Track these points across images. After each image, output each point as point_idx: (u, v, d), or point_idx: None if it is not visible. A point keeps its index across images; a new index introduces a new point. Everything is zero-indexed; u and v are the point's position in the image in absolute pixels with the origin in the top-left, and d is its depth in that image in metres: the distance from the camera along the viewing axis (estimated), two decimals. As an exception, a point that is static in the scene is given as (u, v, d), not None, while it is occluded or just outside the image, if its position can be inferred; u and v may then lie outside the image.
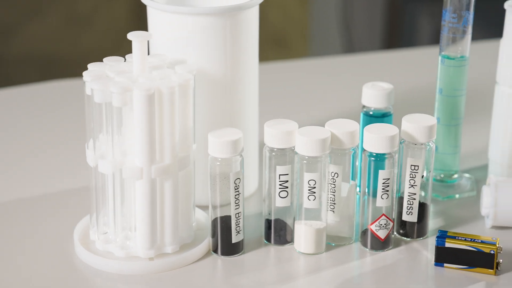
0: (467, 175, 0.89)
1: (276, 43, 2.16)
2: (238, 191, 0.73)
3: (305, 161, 0.73)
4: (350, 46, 2.04)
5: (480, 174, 0.89)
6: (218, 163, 0.72)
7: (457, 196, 0.86)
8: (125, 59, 0.73)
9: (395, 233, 0.78)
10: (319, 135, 0.72)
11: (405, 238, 0.78)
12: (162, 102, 0.68)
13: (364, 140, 0.74)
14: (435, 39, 1.77)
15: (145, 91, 0.67)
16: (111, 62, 0.72)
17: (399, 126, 0.75)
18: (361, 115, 0.84)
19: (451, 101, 0.84)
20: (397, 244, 0.77)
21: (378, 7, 1.98)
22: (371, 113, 0.83)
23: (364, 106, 0.84)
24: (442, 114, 0.85)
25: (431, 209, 0.84)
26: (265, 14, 2.13)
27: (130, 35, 0.69)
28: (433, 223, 0.81)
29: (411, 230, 0.78)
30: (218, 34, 0.77)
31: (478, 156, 0.92)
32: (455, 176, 0.87)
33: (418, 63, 1.22)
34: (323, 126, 0.74)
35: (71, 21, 1.97)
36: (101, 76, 0.69)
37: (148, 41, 0.80)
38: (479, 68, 1.07)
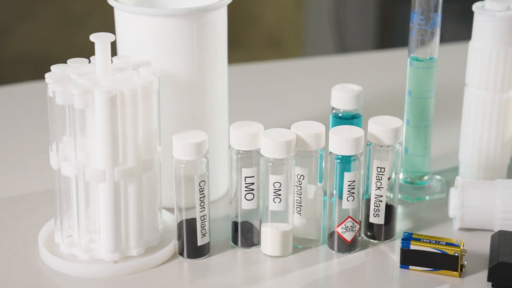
0: (438, 177, 0.88)
1: (271, 43, 2.16)
2: (203, 193, 0.72)
3: (270, 164, 0.72)
4: (343, 46, 2.04)
5: (451, 176, 0.88)
6: (183, 165, 0.71)
7: (427, 198, 0.85)
8: (89, 61, 0.72)
9: (362, 235, 0.77)
10: (283, 138, 0.71)
11: (372, 240, 0.77)
12: (124, 104, 0.67)
13: (329, 142, 0.73)
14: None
15: (106, 93, 0.66)
16: (74, 64, 0.71)
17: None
18: (331, 117, 0.83)
19: (420, 103, 0.84)
20: (365, 246, 0.76)
21: (371, 7, 1.98)
22: (340, 115, 0.82)
23: (333, 108, 0.83)
24: (411, 116, 0.84)
25: (400, 211, 0.83)
26: (260, 15, 2.14)
27: (93, 37, 0.68)
28: (402, 225, 0.80)
29: (379, 232, 0.77)
30: (185, 35, 0.76)
31: (449, 158, 0.91)
32: (426, 178, 0.87)
33: (393, 65, 1.22)
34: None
35: (66, 21, 1.96)
36: (63, 78, 0.68)
37: (116, 43, 0.80)
38: (449, 70, 1.06)
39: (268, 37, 2.13)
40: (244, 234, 0.75)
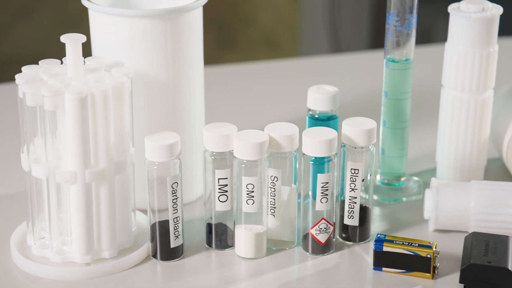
0: (415, 178, 0.87)
1: (267, 43, 2.15)
2: (176, 195, 0.71)
3: (243, 165, 0.71)
4: (337, 46, 2.04)
5: (429, 177, 0.87)
6: (155, 167, 0.70)
7: (404, 199, 0.84)
8: (61, 62, 0.71)
9: (337, 237, 0.76)
10: (256, 139, 0.71)
11: (347, 242, 0.76)
12: (95, 105, 0.66)
13: (303, 144, 0.72)
14: (421, 39, 1.77)
15: (76, 94, 0.65)
16: (46, 65, 0.70)
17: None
18: (307, 118, 0.83)
19: (396, 104, 0.83)
20: (340, 248, 0.75)
21: (365, 7, 1.98)
22: (316, 116, 0.82)
23: (309, 110, 0.82)
24: (388, 117, 0.83)
25: (377, 213, 0.82)
26: (257, 15, 2.13)
27: (63, 38, 0.67)
28: (378, 226, 0.79)
29: (353, 234, 0.76)
30: (158, 37, 0.75)
31: (427, 159, 0.91)
32: (403, 179, 0.86)
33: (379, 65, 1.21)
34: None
35: (62, 21, 1.95)
36: (34, 79, 0.67)
37: (91, 44, 0.79)
38: (427, 71, 1.06)
39: (264, 38, 2.12)
40: (219, 236, 0.74)
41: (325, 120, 0.81)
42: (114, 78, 0.68)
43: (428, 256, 0.68)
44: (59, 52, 0.74)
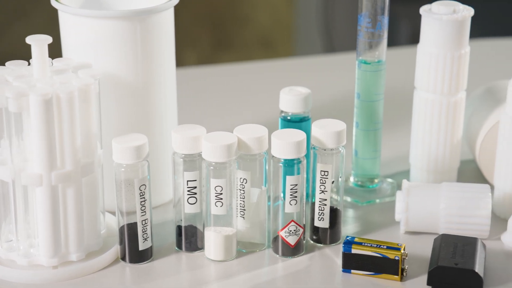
0: (389, 180, 0.87)
1: (263, 44, 2.15)
2: (144, 197, 0.70)
3: (211, 167, 0.70)
4: (331, 46, 2.04)
5: (403, 179, 0.87)
6: (123, 169, 0.69)
7: (377, 201, 0.84)
8: (29, 63, 0.70)
9: (308, 239, 0.76)
10: (224, 141, 0.70)
11: (318, 244, 0.76)
12: (60, 107, 0.65)
13: (272, 146, 0.72)
14: (414, 40, 1.77)
15: (41, 96, 0.64)
16: (12, 66, 0.69)
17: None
18: (279, 120, 0.82)
19: (369, 106, 0.82)
20: (310, 250, 0.75)
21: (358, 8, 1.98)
22: (289, 118, 0.81)
23: (282, 111, 0.82)
24: (360, 119, 0.83)
25: (350, 214, 0.82)
26: (254, 16, 2.12)
27: (29, 39, 0.66)
28: (350, 228, 0.79)
29: (324, 236, 0.75)
30: (128, 38, 0.74)
31: (401, 161, 0.90)
32: (376, 181, 0.85)
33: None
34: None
35: (57, 21, 1.94)
36: (-1, 80, 0.66)
37: (61, 45, 0.78)
38: (401, 73, 1.05)
39: (260, 38, 2.12)
40: (188, 238, 0.74)
41: (298, 121, 0.81)
42: (80, 79, 0.67)
43: (396, 258, 0.68)
44: (54, 52, 0.74)
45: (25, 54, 0.74)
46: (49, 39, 0.67)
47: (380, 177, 0.86)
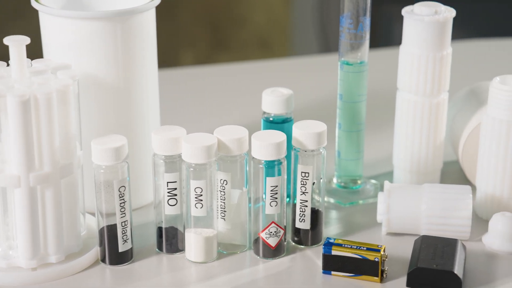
0: (373, 181, 0.86)
1: (260, 44, 2.14)
2: (123, 199, 0.69)
3: (191, 169, 0.70)
4: (327, 46, 2.04)
5: (387, 180, 0.87)
6: (102, 170, 0.69)
7: (360, 202, 0.83)
8: (7, 64, 0.70)
9: (290, 240, 0.76)
10: (204, 142, 0.69)
11: (299, 245, 0.75)
12: (38, 108, 0.65)
13: (252, 147, 0.71)
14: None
15: (18, 97, 0.63)
16: (-9, 68, 0.69)
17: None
18: (262, 121, 0.82)
19: (351, 107, 0.82)
20: (292, 251, 0.74)
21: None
22: (271, 119, 0.81)
23: (264, 112, 0.81)
24: (343, 120, 0.83)
25: (334, 216, 0.81)
26: (251, 16, 2.12)
27: (7, 40, 0.66)
28: (333, 230, 0.78)
29: (305, 237, 0.75)
30: (108, 38, 0.74)
31: (385, 162, 0.90)
32: (359, 182, 0.85)
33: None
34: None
35: None
36: (-23, 82, 0.66)
37: (42, 46, 0.78)
38: (384, 74, 1.05)
39: (257, 38, 2.11)
40: (169, 239, 0.73)
41: (280, 123, 0.80)
42: (59, 80, 0.67)
43: (376, 259, 0.67)
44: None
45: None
46: (27, 39, 0.66)
47: (364, 178, 0.85)
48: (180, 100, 1.08)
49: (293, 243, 0.75)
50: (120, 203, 0.69)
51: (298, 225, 0.74)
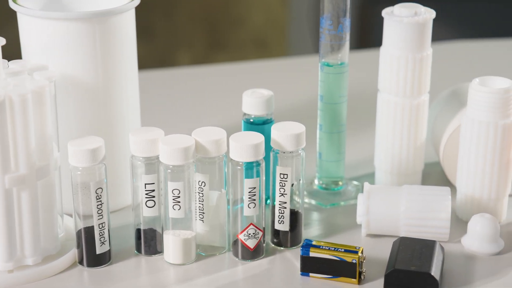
0: (355, 182, 0.86)
1: (257, 44, 2.14)
2: (100, 201, 0.69)
3: (169, 170, 0.69)
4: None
5: (369, 181, 0.86)
6: (79, 172, 0.68)
7: (342, 203, 0.83)
8: (-16, 66, 0.69)
9: (269, 242, 0.75)
10: (181, 144, 0.69)
11: (279, 247, 0.75)
12: (13, 109, 0.64)
13: (230, 149, 0.71)
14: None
15: (-7, 98, 0.63)
16: (-33, 69, 0.68)
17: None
18: (242, 122, 0.81)
19: (332, 108, 0.81)
20: (271, 253, 0.74)
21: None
22: (251, 120, 0.80)
23: (244, 114, 0.81)
24: (324, 122, 0.82)
25: (315, 217, 0.81)
26: (248, 16, 2.11)
27: (-19, 41, 0.66)
28: (313, 231, 0.78)
29: (285, 239, 0.74)
30: (87, 39, 0.73)
31: (368, 163, 0.90)
32: (341, 183, 0.85)
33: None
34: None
35: None
36: (-48, 83, 0.65)
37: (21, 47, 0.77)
38: (367, 75, 1.05)
39: (254, 38, 2.11)
40: (148, 241, 0.73)
41: (260, 124, 0.80)
42: (35, 82, 0.66)
43: (354, 261, 0.67)
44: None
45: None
46: (2, 40, 0.66)
47: (345, 180, 0.85)
48: (162, 102, 1.08)
49: (273, 245, 0.74)
50: (97, 205, 0.69)
51: (277, 226, 0.74)
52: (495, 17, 1.83)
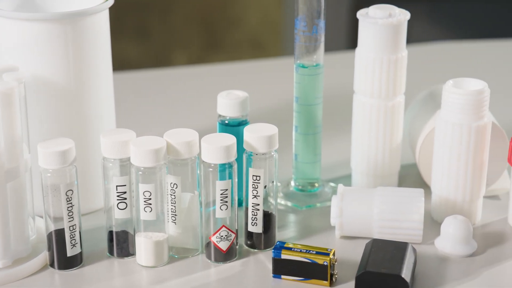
0: (332, 184, 0.85)
1: (254, 44, 2.13)
2: (71, 203, 0.68)
3: (140, 172, 0.69)
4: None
5: (346, 183, 0.85)
6: (49, 174, 0.67)
7: (318, 205, 0.82)
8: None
9: (243, 244, 0.74)
10: (152, 146, 0.68)
11: (252, 249, 0.74)
12: (-19, 111, 0.64)
13: (201, 151, 0.70)
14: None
15: (-40, 100, 0.62)
16: None
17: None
18: (218, 124, 0.80)
19: (307, 110, 0.81)
20: (245, 255, 0.73)
21: (343, 8, 1.97)
22: (226, 122, 0.80)
23: (219, 115, 0.80)
24: (299, 123, 0.81)
25: (291, 219, 0.80)
26: (244, 16, 2.10)
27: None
28: (288, 233, 0.77)
29: (258, 241, 0.74)
30: (58, 40, 0.72)
31: (345, 165, 0.89)
32: (317, 185, 0.84)
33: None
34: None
35: None
36: None
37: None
38: (344, 77, 1.04)
39: (250, 39, 2.10)
40: (120, 243, 0.72)
41: (236, 125, 0.79)
42: (3, 83, 0.65)
43: (325, 263, 0.66)
44: None
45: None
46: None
47: (322, 181, 0.84)
48: (137, 103, 1.07)
49: (246, 247, 0.74)
50: (68, 207, 0.68)
51: (251, 228, 0.73)
52: (475, 18, 1.83)
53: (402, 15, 0.77)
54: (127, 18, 1.90)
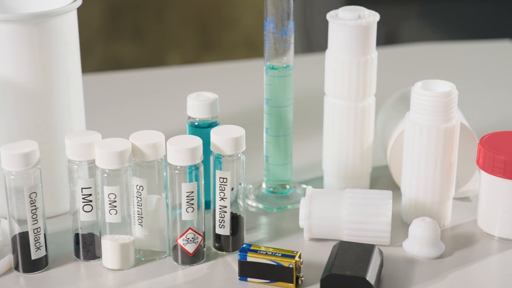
0: (303, 185, 0.85)
1: (248, 45, 2.12)
2: (35, 205, 0.67)
3: (105, 174, 0.68)
4: (309, 47, 2.03)
5: (318, 185, 0.85)
6: (12, 176, 0.67)
7: (289, 207, 0.82)
8: None
9: (211, 246, 0.74)
10: (117, 148, 0.67)
11: (220, 251, 0.73)
12: None
13: (167, 153, 0.69)
14: (389, 41, 1.76)
15: None
16: None
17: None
18: (187, 126, 0.80)
19: (278, 112, 0.80)
20: (212, 257, 0.72)
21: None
22: (196, 123, 0.79)
23: (189, 117, 0.79)
24: (270, 125, 0.81)
25: (263, 221, 0.79)
26: (239, 17, 2.09)
27: None
28: (258, 235, 0.76)
29: (226, 243, 0.73)
30: (24, 41, 0.71)
31: (318, 167, 0.88)
32: (288, 187, 0.84)
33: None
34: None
35: None
36: None
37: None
38: (316, 79, 1.04)
39: (244, 39, 2.09)
40: (86, 246, 0.71)
41: (206, 127, 0.78)
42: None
43: (290, 266, 0.66)
44: None
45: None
46: None
47: (294, 183, 0.84)
48: (104, 104, 1.06)
49: (214, 249, 0.73)
50: (32, 210, 0.67)
51: (218, 231, 0.72)
52: (465, 19, 1.83)
53: (372, 17, 0.77)
54: (121, 18, 1.89)
